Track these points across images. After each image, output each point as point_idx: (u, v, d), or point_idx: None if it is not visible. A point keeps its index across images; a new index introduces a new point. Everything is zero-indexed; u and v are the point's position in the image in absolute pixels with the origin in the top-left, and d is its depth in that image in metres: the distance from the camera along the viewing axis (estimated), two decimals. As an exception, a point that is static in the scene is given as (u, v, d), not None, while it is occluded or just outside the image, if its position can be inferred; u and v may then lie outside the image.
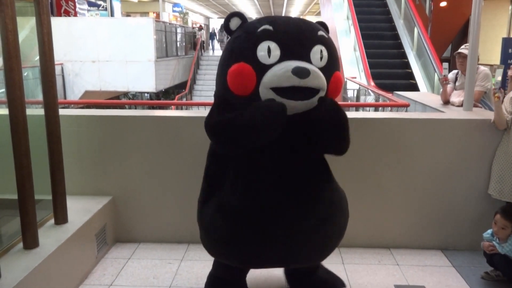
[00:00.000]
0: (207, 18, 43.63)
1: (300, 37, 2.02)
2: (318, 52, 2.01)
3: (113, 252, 3.19)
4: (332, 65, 2.07)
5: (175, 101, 13.17)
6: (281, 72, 1.91)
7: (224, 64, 2.07)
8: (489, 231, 2.81)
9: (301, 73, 1.88)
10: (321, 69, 1.99)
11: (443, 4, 12.74)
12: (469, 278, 2.86)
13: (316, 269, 2.58)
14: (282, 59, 1.95)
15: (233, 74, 1.98)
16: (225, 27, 2.14)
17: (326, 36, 2.12)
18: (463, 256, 3.14)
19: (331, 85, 2.04)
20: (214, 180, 2.24)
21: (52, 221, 2.75)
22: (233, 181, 2.14)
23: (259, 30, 2.01)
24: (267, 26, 2.01)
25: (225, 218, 2.13)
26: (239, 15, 2.14)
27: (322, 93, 2.00)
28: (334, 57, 2.09)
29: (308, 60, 1.98)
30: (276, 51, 1.95)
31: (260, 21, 2.08)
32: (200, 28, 24.61)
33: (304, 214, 2.08)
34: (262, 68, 1.94)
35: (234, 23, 2.12)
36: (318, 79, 1.94)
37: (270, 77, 1.93)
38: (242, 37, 2.05)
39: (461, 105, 3.69)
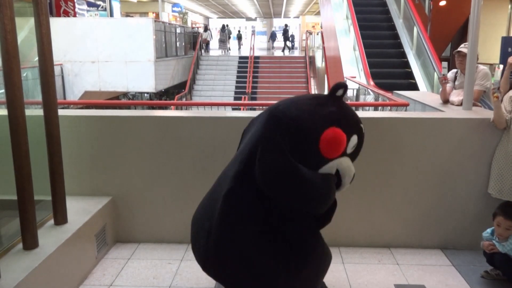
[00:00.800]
0: (207, 18, 43.63)
1: (362, 146, 2.29)
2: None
3: (113, 252, 3.19)
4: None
5: (174, 101, 13.18)
6: (352, 171, 2.20)
7: (319, 122, 2.08)
8: (489, 230, 2.81)
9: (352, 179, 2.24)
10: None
11: (442, 3, 12.75)
12: (469, 277, 2.87)
13: None
14: (350, 155, 2.21)
15: (337, 140, 2.08)
16: (333, 91, 2.19)
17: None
18: (463, 255, 3.14)
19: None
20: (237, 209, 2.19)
21: (52, 221, 2.75)
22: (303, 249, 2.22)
23: (361, 125, 2.23)
24: (361, 125, 2.24)
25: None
26: (346, 88, 2.21)
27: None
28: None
29: None
30: (354, 149, 2.22)
31: (358, 117, 2.26)
32: (206, 29, 24.61)
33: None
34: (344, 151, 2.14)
35: (340, 92, 2.20)
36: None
37: (347, 167, 2.16)
38: (350, 115, 2.21)
39: (461, 104, 3.69)
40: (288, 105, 2.16)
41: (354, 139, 2.16)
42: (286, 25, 28.79)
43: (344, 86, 2.17)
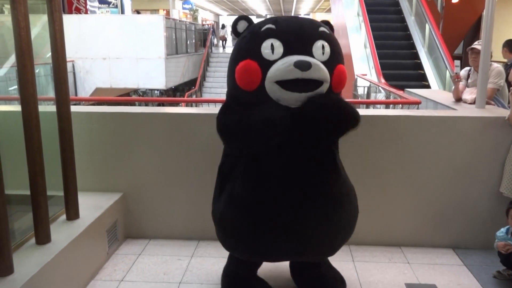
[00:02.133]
0: (217, 15, 43.65)
1: (301, 33, 2.12)
2: (320, 48, 2.09)
3: (123, 248, 3.21)
4: (335, 59, 2.14)
5: (185, 98, 13.21)
6: (283, 66, 2.01)
7: (232, 63, 2.19)
8: (503, 229, 2.78)
9: (302, 66, 1.98)
10: (323, 62, 2.07)
11: (455, 0, 12.60)
12: (480, 277, 2.84)
13: (321, 264, 2.61)
14: (285, 55, 2.05)
15: (240, 71, 2.10)
16: (233, 30, 2.26)
17: (328, 31, 2.20)
18: (474, 255, 3.11)
19: (334, 78, 2.12)
20: (227, 177, 2.31)
21: (64, 216, 2.78)
22: (244, 175, 2.20)
23: (263, 29, 2.14)
24: (270, 25, 2.14)
25: (236, 210, 2.20)
26: (246, 18, 2.25)
27: (325, 85, 2.08)
28: (336, 51, 2.17)
29: (311, 55, 2.07)
30: (279, 48, 2.07)
31: (264, 22, 2.21)
32: (223, 26, 24.77)
33: (311, 206, 2.14)
34: (267, 64, 2.05)
35: (241, 25, 2.24)
36: (320, 71, 2.03)
37: (274, 71, 2.03)
38: (247, 37, 2.18)
39: (474, 103, 3.65)
40: None
41: (265, 45, 2.06)
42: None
43: (243, 17, 2.22)
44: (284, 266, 2.76)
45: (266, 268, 2.73)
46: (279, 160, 2.14)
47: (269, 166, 2.16)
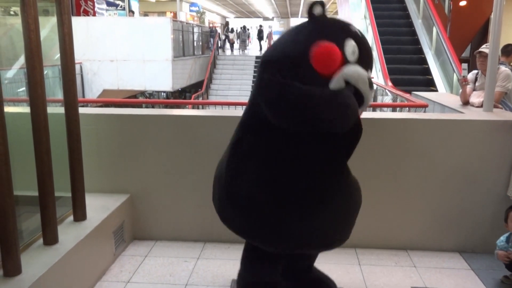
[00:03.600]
0: (224, 17, 43.76)
1: (370, 55, 2.15)
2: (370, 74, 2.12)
3: (130, 249, 3.23)
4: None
5: (191, 100, 13.25)
6: (363, 74, 1.97)
7: (307, 38, 2.00)
8: (502, 238, 2.75)
9: (372, 85, 2.00)
10: None
11: (462, 3, 12.57)
12: (487, 281, 2.82)
13: (311, 268, 2.60)
14: (356, 62, 2.01)
15: (324, 50, 1.95)
16: (309, 12, 2.10)
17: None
18: (481, 259, 3.09)
19: None
20: (247, 157, 2.19)
21: (71, 217, 2.80)
22: (271, 158, 2.13)
23: (352, 28, 2.09)
24: (355, 28, 2.11)
25: (266, 193, 2.11)
26: (322, 4, 2.11)
27: (363, 108, 2.12)
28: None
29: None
30: (355, 55, 2.01)
31: (347, 23, 2.15)
32: (232, 30, 25.05)
33: (333, 194, 2.15)
34: (344, 60, 1.97)
35: (318, 10, 2.08)
36: (372, 97, 2.07)
37: (354, 72, 1.96)
38: (335, 25, 2.08)
39: (481, 106, 3.64)
40: (270, 48, 2.17)
41: (350, 43, 1.99)
42: (260, 26, 29.31)
43: (320, 2, 2.08)
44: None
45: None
46: (311, 146, 2.09)
47: (302, 151, 2.10)
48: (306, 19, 2.12)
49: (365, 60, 2.07)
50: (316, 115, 1.93)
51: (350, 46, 1.99)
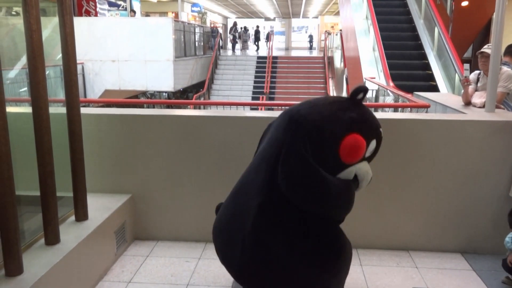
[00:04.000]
0: (226, 18, 43.76)
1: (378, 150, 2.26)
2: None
3: (131, 249, 3.23)
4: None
5: (193, 100, 13.26)
6: (370, 175, 2.19)
7: (342, 127, 2.07)
8: (508, 239, 2.73)
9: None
10: None
11: (464, 3, 12.55)
12: (489, 282, 2.82)
13: None
14: (367, 159, 2.20)
15: (356, 146, 2.08)
16: (353, 96, 2.17)
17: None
18: (483, 260, 3.09)
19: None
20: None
21: (73, 217, 2.80)
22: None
23: (381, 129, 2.21)
24: (380, 130, 2.21)
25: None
26: (365, 90, 2.19)
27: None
28: None
29: None
30: (371, 152, 2.19)
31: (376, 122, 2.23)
32: (246, 29, 25.26)
33: None
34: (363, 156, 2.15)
35: (360, 96, 2.18)
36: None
37: (365, 172, 2.17)
38: (370, 121, 2.17)
39: (483, 106, 3.63)
40: (309, 109, 2.14)
41: (373, 144, 2.16)
42: (257, 26, 29.55)
43: (364, 90, 2.15)
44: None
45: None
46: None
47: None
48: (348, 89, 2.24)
49: (372, 158, 2.24)
50: (331, 204, 2.10)
51: (372, 146, 2.16)
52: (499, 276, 2.86)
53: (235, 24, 27.76)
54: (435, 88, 8.99)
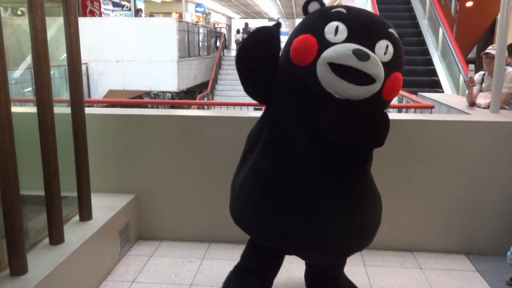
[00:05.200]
0: (229, 18, 43.80)
1: (370, 26, 2.02)
2: (383, 47, 1.98)
3: (135, 249, 3.23)
4: (396, 64, 2.03)
5: (197, 101, 13.27)
6: (342, 49, 1.89)
7: (292, 35, 2.07)
8: (510, 254, 2.69)
9: (361, 55, 1.86)
10: (383, 63, 1.95)
11: (469, 4, 12.51)
12: (494, 283, 2.81)
13: (337, 277, 2.53)
14: (347, 41, 1.95)
15: (297, 43, 1.99)
16: (304, 10, 2.15)
17: (397, 35, 2.09)
18: (488, 261, 3.08)
19: (388, 83, 1.98)
20: (253, 146, 2.22)
21: (77, 217, 2.81)
22: (268, 146, 2.13)
23: (333, 10, 2.06)
24: (341, 9, 2.05)
25: (255, 182, 2.13)
26: (320, 0, 2.14)
27: (377, 86, 1.94)
28: (399, 58, 2.06)
29: (372, 50, 1.95)
30: (343, 33, 1.96)
31: (336, 6, 2.12)
32: (238, 31, 25.18)
33: (333, 198, 2.05)
34: (326, 44, 1.94)
35: (313, 6, 2.12)
36: (377, 68, 1.90)
37: (331, 52, 1.91)
38: (315, 14, 2.09)
39: (488, 107, 3.62)
40: None
41: (331, 26, 1.96)
42: (246, 24, 29.12)
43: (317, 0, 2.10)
44: (299, 279, 2.76)
45: (281, 280, 2.73)
46: (306, 141, 2.06)
47: (296, 145, 2.07)
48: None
49: (361, 34, 1.96)
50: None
51: (331, 28, 1.96)
52: (503, 277, 2.84)
53: (246, 24, 27.73)
54: (439, 88, 8.97)
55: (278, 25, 2.11)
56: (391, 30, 2.07)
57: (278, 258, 2.44)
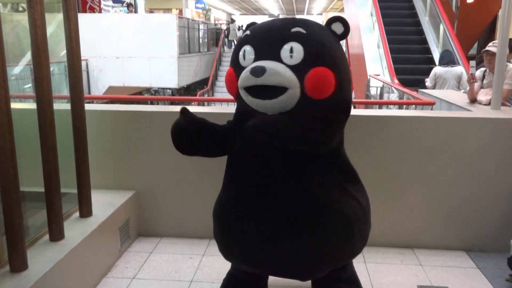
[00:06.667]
0: (230, 14, 43.73)
1: (269, 36, 2.00)
2: (287, 50, 1.93)
3: (135, 246, 3.23)
4: (310, 61, 1.93)
5: (197, 97, 13.25)
6: (244, 73, 1.93)
7: None
8: None
9: (256, 71, 1.87)
10: (293, 66, 1.91)
11: (470, 0, 12.48)
12: (494, 280, 2.81)
13: (345, 278, 2.47)
14: (255, 60, 1.96)
15: (226, 79, 2.12)
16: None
17: (304, 32, 1.98)
18: (488, 258, 3.08)
19: (308, 82, 1.90)
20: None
21: (77, 214, 2.80)
22: (225, 174, 2.29)
23: (243, 36, 2.11)
24: (247, 32, 2.10)
25: (214, 213, 2.30)
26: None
27: (292, 91, 1.89)
28: (314, 53, 1.95)
29: (279, 59, 1.92)
30: (250, 54, 1.99)
31: (247, 27, 2.19)
32: (239, 28, 25.07)
33: (279, 217, 2.01)
34: (240, 71, 1.99)
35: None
36: (276, 76, 1.87)
37: (240, 79, 1.97)
38: (236, 45, 2.17)
39: (489, 104, 3.61)
40: None
41: (241, 50, 2.01)
42: (232, 19, 29.02)
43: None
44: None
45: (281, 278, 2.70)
46: (250, 162, 2.10)
47: (241, 167, 2.16)
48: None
49: (263, 48, 1.96)
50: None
51: (241, 54, 2.02)
52: (504, 274, 2.84)
53: (232, 20, 27.67)
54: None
55: (184, 111, 2.20)
56: (296, 29, 1.97)
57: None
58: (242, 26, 27.10)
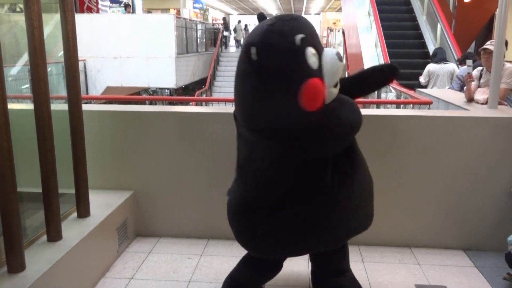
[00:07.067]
0: (228, 14, 43.71)
1: (314, 32, 2.15)
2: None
3: (133, 246, 3.23)
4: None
5: (195, 97, 13.25)
6: (334, 67, 2.07)
7: (287, 85, 2.02)
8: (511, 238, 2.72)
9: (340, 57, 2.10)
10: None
11: (467, -1, 12.50)
12: (492, 279, 2.81)
13: (342, 273, 2.52)
14: (318, 58, 2.05)
15: (311, 92, 2.00)
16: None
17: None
18: (486, 257, 3.08)
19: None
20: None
21: (75, 214, 2.80)
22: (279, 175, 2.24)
23: (297, 41, 1.98)
24: (300, 35, 1.97)
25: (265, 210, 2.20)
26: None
27: None
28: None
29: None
30: (315, 57, 2.06)
31: (285, 33, 2.00)
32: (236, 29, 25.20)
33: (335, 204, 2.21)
34: (318, 74, 2.05)
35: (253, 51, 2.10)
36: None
37: (331, 76, 2.05)
38: (288, 53, 2.01)
39: (486, 103, 3.61)
40: None
41: (309, 52, 1.92)
42: (239, 21, 29.06)
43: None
44: (303, 275, 2.75)
45: (281, 276, 2.71)
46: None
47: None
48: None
49: (319, 46, 2.04)
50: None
51: (310, 57, 1.98)
52: (501, 273, 2.85)
53: (224, 19, 27.67)
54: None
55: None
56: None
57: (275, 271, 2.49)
58: (247, 25, 27.08)
